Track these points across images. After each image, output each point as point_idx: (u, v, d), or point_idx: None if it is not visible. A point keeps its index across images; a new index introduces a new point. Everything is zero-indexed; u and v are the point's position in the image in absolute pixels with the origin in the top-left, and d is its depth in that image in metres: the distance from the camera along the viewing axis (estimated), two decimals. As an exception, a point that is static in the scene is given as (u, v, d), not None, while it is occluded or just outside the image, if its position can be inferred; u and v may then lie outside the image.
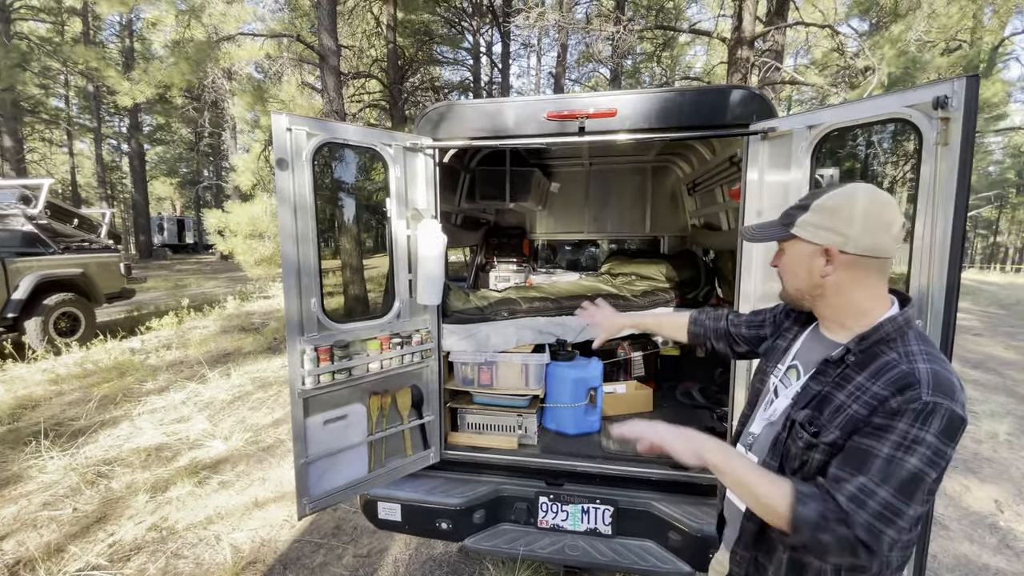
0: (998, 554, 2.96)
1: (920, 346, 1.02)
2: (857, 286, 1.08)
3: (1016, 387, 6.05)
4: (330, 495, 2.12)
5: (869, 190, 1.06)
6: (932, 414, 0.93)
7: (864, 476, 0.93)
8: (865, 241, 1.03)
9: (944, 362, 1.00)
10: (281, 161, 1.90)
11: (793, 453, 1.11)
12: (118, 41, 25.11)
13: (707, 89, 2.15)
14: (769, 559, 1.18)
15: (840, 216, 1.05)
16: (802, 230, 1.10)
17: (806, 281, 1.13)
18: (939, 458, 0.93)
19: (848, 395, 1.04)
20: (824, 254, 1.08)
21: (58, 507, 3.36)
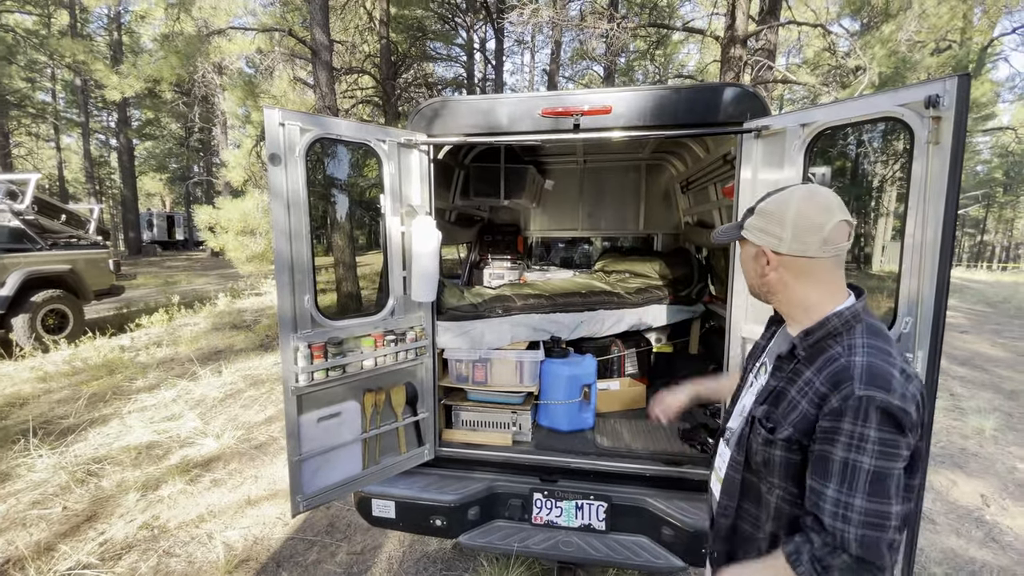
0: (984, 547, 3.01)
1: (865, 339, 1.02)
2: (799, 284, 1.11)
3: (1002, 383, 6.14)
4: (324, 492, 2.11)
5: (805, 193, 1.09)
6: (868, 409, 0.93)
7: (835, 487, 0.95)
8: (796, 244, 1.06)
9: (887, 355, 0.99)
10: (274, 156, 1.88)
11: (755, 449, 1.14)
12: (106, 34, 24.72)
13: (702, 87, 2.16)
14: (747, 554, 1.19)
15: (774, 219, 1.09)
16: (748, 232, 1.16)
17: (754, 279, 1.19)
18: (892, 449, 0.93)
19: (798, 391, 1.06)
20: (763, 255, 1.12)
21: (48, 506, 3.32)
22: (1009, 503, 3.49)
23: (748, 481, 1.19)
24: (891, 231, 18.47)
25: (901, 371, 0.97)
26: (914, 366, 1.58)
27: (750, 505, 1.19)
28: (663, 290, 3.43)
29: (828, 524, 0.95)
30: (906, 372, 0.98)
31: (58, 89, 27.50)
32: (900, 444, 0.93)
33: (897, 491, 0.94)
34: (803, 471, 1.04)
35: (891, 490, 0.93)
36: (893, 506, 0.93)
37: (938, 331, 1.55)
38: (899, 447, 0.93)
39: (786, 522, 1.10)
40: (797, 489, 1.06)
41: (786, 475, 1.07)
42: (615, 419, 2.93)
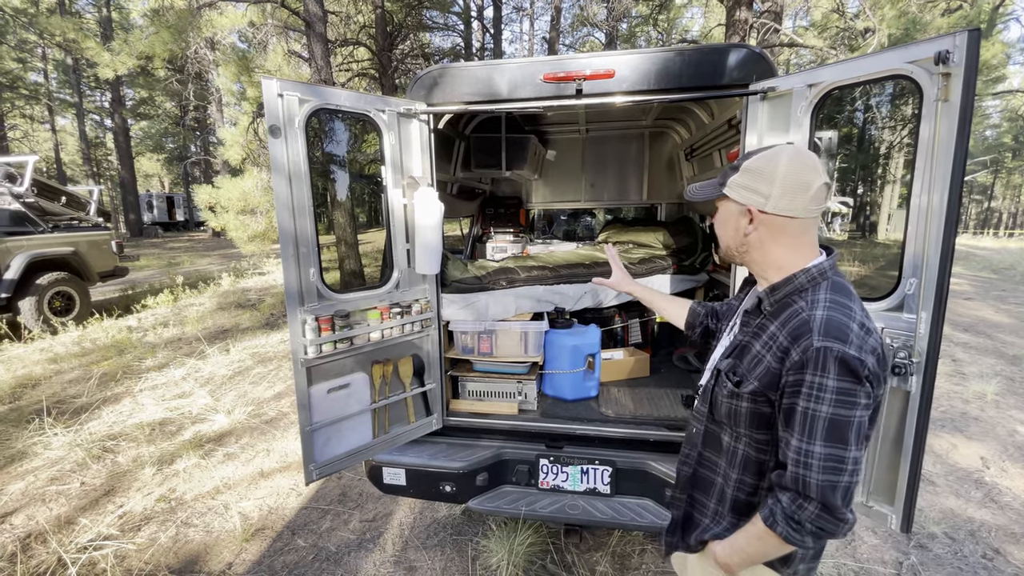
0: (983, 508, 3.07)
1: (828, 295, 1.05)
2: (776, 243, 1.12)
3: (1005, 349, 6.17)
4: (336, 461, 2.16)
5: (793, 153, 1.09)
6: (825, 359, 0.97)
7: (797, 436, 1.00)
8: (783, 202, 1.07)
9: (847, 309, 1.03)
10: (274, 128, 1.86)
11: (719, 401, 1.19)
12: (95, 11, 24.20)
13: (707, 49, 2.10)
14: (706, 495, 1.27)
15: (763, 177, 1.08)
16: (731, 190, 1.14)
17: (733, 238, 1.18)
18: (849, 398, 0.97)
19: (763, 345, 1.10)
20: (747, 213, 1.12)
21: (65, 482, 3.41)
22: (1008, 465, 3.54)
23: (710, 431, 1.25)
24: (898, 198, 18.26)
25: (860, 324, 1.01)
26: (919, 328, 1.59)
27: (711, 453, 1.26)
28: (667, 260, 3.42)
29: (791, 471, 1.01)
30: (865, 326, 1.02)
31: (50, 69, 27.07)
32: (858, 393, 0.97)
33: (856, 438, 0.98)
34: (771, 420, 1.09)
35: (849, 437, 0.97)
36: (850, 452, 0.97)
37: (942, 293, 1.55)
38: (856, 396, 0.97)
39: (754, 468, 1.15)
40: (765, 436, 1.12)
41: (754, 424, 1.12)
42: (619, 388, 2.97)
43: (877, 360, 0.99)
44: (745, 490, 1.18)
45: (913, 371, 1.61)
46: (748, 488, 1.18)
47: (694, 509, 1.31)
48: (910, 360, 1.61)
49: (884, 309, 1.70)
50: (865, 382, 0.97)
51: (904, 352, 1.63)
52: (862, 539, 2.77)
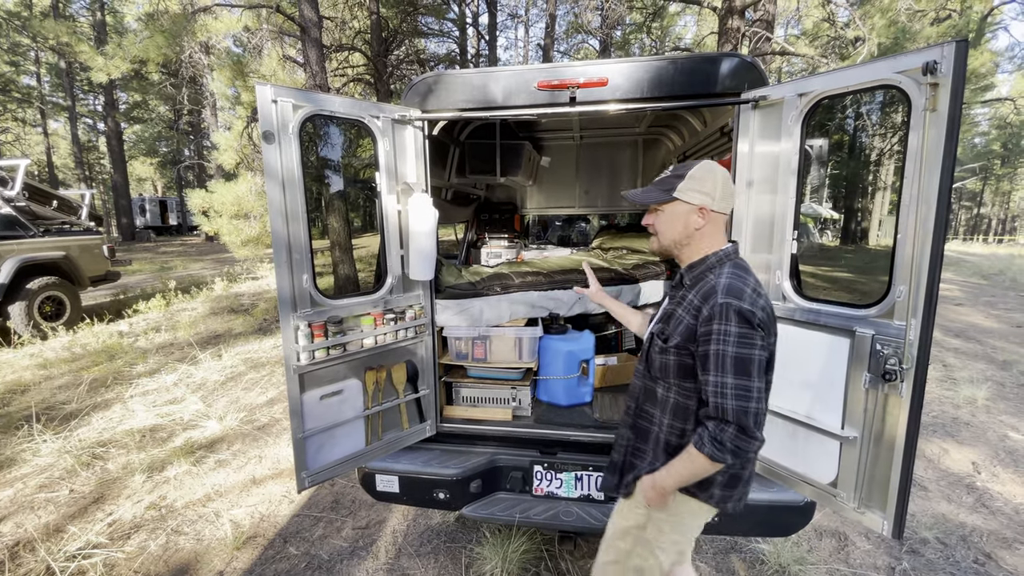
0: (974, 512, 3.09)
1: (731, 270, 1.37)
2: (709, 235, 1.44)
3: (995, 354, 6.22)
4: (328, 468, 2.15)
5: (719, 165, 1.42)
6: (727, 310, 1.27)
7: (713, 373, 1.27)
8: (723, 202, 1.41)
9: (743, 279, 1.33)
10: (268, 134, 1.86)
11: (652, 358, 1.50)
12: (89, 14, 24.09)
13: (699, 57, 2.12)
14: (644, 442, 1.55)
15: (707, 183, 1.39)
16: (683, 194, 1.41)
17: (681, 233, 1.44)
18: (748, 339, 1.26)
19: (684, 309, 1.41)
20: (699, 212, 1.40)
21: (54, 489, 3.37)
22: (999, 470, 3.57)
23: (648, 387, 1.54)
24: (888, 204, 18.42)
25: (752, 290, 1.31)
26: (909, 334, 1.61)
27: (648, 406, 1.54)
28: (660, 266, 3.43)
29: (711, 402, 1.27)
30: (756, 291, 1.32)
31: (43, 72, 26.92)
32: (754, 336, 1.26)
33: (758, 372, 1.26)
34: (693, 370, 1.37)
35: (752, 370, 1.25)
36: (754, 382, 1.25)
37: (931, 300, 1.57)
38: (753, 338, 1.26)
39: (682, 414, 1.43)
40: (690, 384, 1.40)
41: (680, 375, 1.41)
42: (613, 393, 2.97)
43: (765, 315, 1.30)
44: (675, 433, 1.45)
45: (904, 377, 1.62)
46: (678, 431, 1.44)
47: (634, 457, 1.57)
48: (900, 366, 1.62)
49: (875, 316, 1.72)
50: (758, 328, 1.27)
51: (895, 358, 1.64)
52: (855, 544, 2.78)
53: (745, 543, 2.77)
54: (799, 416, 1.95)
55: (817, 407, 1.91)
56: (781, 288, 1.99)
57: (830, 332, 1.85)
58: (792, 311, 1.96)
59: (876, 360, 1.70)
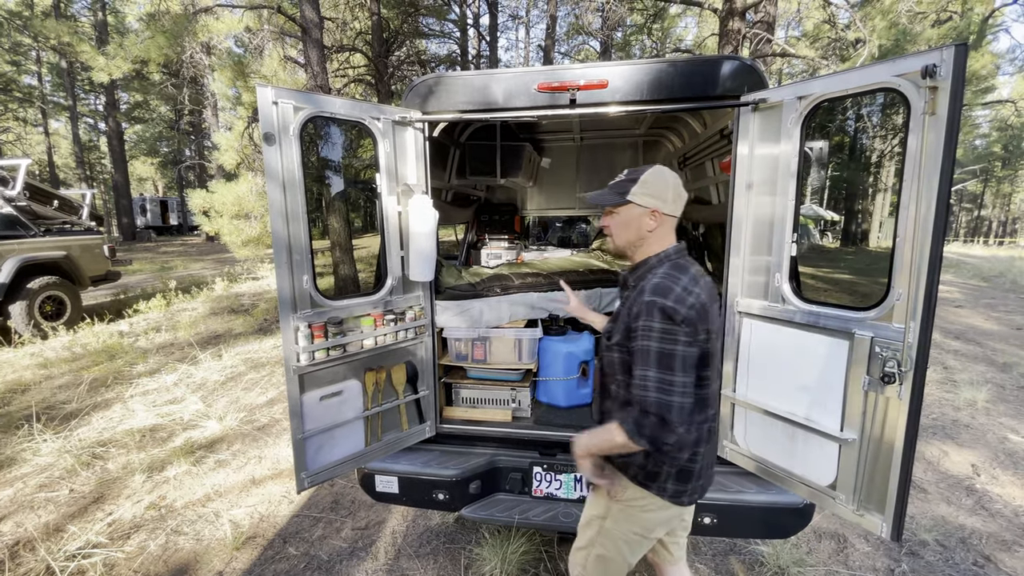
0: (974, 515, 3.09)
1: (667, 270, 1.41)
2: (659, 237, 1.49)
3: (995, 356, 6.22)
4: (328, 469, 2.15)
5: (670, 170, 1.48)
6: (651, 308, 1.32)
7: (638, 367, 1.34)
8: (673, 206, 1.46)
9: (675, 278, 1.37)
10: (268, 136, 1.86)
11: (603, 355, 1.58)
12: (90, 14, 24.12)
13: (699, 60, 2.13)
14: None
15: (659, 187, 1.44)
16: (637, 197, 1.45)
17: (635, 235, 1.49)
18: (671, 335, 1.30)
19: (626, 308, 1.46)
20: (651, 215, 1.45)
21: (54, 488, 3.37)
22: (999, 472, 3.57)
23: (604, 384, 1.61)
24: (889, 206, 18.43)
25: (683, 288, 1.34)
26: (908, 337, 1.61)
27: (606, 399, 1.60)
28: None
29: (636, 394, 1.33)
30: (687, 289, 1.35)
31: (44, 72, 26.96)
32: (676, 332, 1.30)
33: (682, 367, 1.30)
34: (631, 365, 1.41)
35: (675, 365, 1.30)
36: (676, 377, 1.30)
37: (930, 303, 1.57)
38: (676, 334, 1.30)
39: (623, 405, 1.48)
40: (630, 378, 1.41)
41: (624, 370, 1.46)
42: None
43: (693, 312, 1.31)
44: None
45: (903, 379, 1.63)
46: None
47: None
48: (899, 368, 1.63)
49: (874, 318, 1.72)
50: (681, 324, 1.30)
51: (894, 361, 1.64)
52: (854, 546, 2.78)
53: (744, 545, 2.77)
54: (798, 418, 1.95)
55: (816, 409, 1.91)
56: (780, 290, 1.99)
57: (829, 334, 1.85)
58: (791, 313, 1.96)
59: (875, 362, 1.71)
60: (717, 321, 1.42)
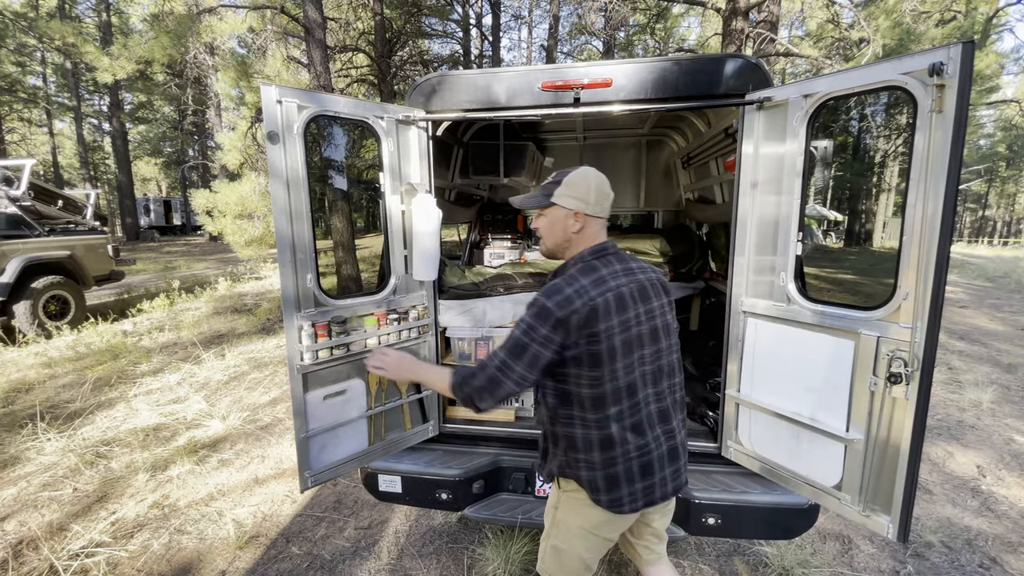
0: (979, 516, 3.07)
1: (574, 272, 1.44)
2: (586, 239, 1.50)
3: (1000, 357, 6.19)
4: (331, 468, 2.15)
5: (595, 172, 1.50)
6: (534, 304, 1.38)
7: (500, 346, 1.41)
8: (596, 207, 1.47)
9: (574, 281, 1.39)
10: (272, 135, 1.86)
11: None
12: (94, 15, 24.21)
13: (704, 58, 2.12)
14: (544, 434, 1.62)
15: (581, 189, 1.46)
16: (560, 199, 1.48)
17: (561, 236, 1.52)
18: (532, 331, 1.35)
19: None
20: (575, 216, 1.47)
21: (58, 487, 3.38)
22: (1005, 473, 3.55)
23: None
24: (893, 206, 18.37)
25: (577, 290, 1.36)
26: (915, 337, 1.59)
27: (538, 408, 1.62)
28: (664, 267, 3.43)
29: (486, 358, 1.42)
30: (579, 293, 1.35)
31: (48, 73, 27.08)
32: (538, 329, 1.35)
33: (528, 362, 1.35)
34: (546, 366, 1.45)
35: (522, 357, 1.36)
36: (517, 367, 1.36)
37: (937, 303, 1.56)
38: (536, 331, 1.35)
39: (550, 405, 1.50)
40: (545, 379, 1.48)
41: None
42: None
43: (575, 316, 1.33)
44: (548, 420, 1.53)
45: (909, 379, 1.62)
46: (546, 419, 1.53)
47: (547, 442, 1.62)
48: (906, 368, 1.62)
49: (880, 318, 1.71)
50: (552, 324, 1.33)
51: (900, 361, 1.63)
52: (858, 548, 2.77)
53: (748, 545, 2.76)
54: (803, 418, 1.94)
55: (821, 409, 1.90)
56: (786, 290, 1.98)
57: (835, 334, 1.84)
58: (796, 313, 1.95)
59: (881, 362, 1.69)
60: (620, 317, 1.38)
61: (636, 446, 1.43)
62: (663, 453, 1.47)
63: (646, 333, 1.45)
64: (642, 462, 1.44)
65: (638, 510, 1.47)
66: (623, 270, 1.46)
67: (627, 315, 1.40)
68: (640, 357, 1.44)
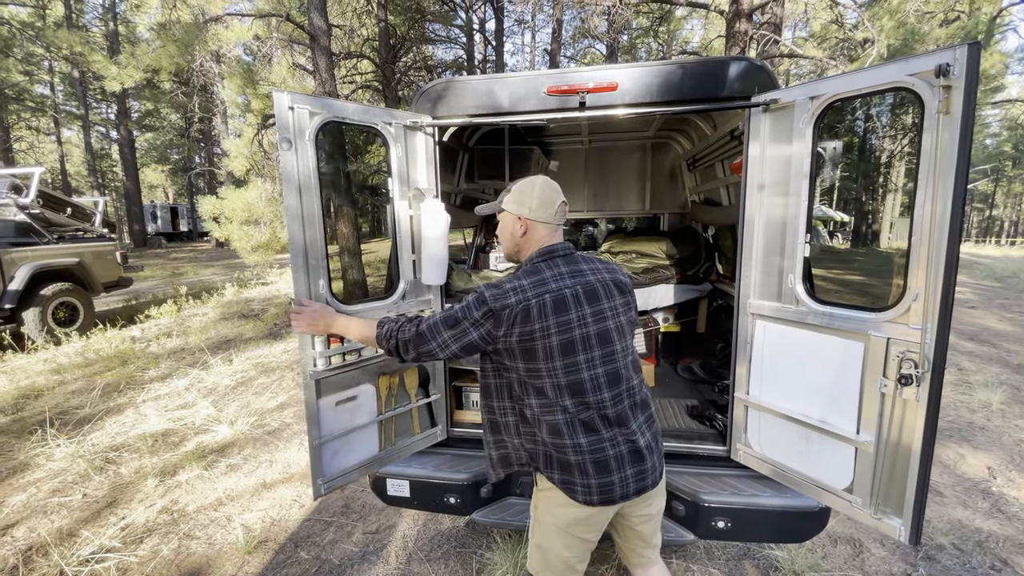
0: (990, 518, 3.04)
1: (520, 272, 1.53)
2: (535, 242, 1.58)
3: (1009, 358, 6.14)
4: (344, 474, 2.15)
5: (544, 179, 1.58)
6: (477, 291, 1.48)
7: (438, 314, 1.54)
8: (539, 212, 1.54)
9: (518, 279, 1.48)
10: (285, 141, 1.88)
11: None
12: (102, 24, 24.51)
13: (709, 61, 2.13)
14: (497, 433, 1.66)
15: (524, 195, 1.55)
16: (507, 205, 1.59)
17: (510, 240, 1.62)
18: (468, 312, 1.46)
19: None
20: (519, 220, 1.56)
21: (67, 493, 3.40)
22: (1016, 475, 3.51)
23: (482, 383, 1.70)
24: (900, 207, 18.27)
25: (515, 288, 1.44)
26: (925, 338, 1.59)
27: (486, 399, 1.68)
28: (670, 270, 3.43)
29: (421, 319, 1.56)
30: (520, 289, 1.44)
31: (56, 82, 27.40)
32: (472, 311, 1.45)
33: (455, 335, 1.47)
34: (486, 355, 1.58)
35: (453, 329, 1.47)
36: (445, 333, 1.48)
37: (947, 303, 1.55)
38: (471, 313, 1.45)
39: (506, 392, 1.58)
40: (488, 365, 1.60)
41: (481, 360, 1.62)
42: None
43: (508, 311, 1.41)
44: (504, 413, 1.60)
45: (920, 381, 1.61)
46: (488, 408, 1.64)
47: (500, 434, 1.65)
48: (916, 370, 1.61)
49: (890, 319, 1.70)
50: (484, 312, 1.43)
51: (910, 363, 1.62)
52: (870, 551, 2.75)
53: (758, 549, 2.74)
54: (813, 421, 1.93)
55: (831, 411, 1.89)
56: (794, 292, 1.97)
57: (844, 336, 1.84)
58: (805, 314, 1.95)
59: (891, 364, 1.69)
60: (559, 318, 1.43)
61: (588, 442, 1.45)
62: (621, 453, 1.47)
63: (593, 335, 1.46)
64: (596, 458, 1.45)
65: (594, 504, 1.47)
66: (570, 272, 1.51)
67: (567, 316, 1.44)
68: (588, 359, 1.46)
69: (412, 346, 1.51)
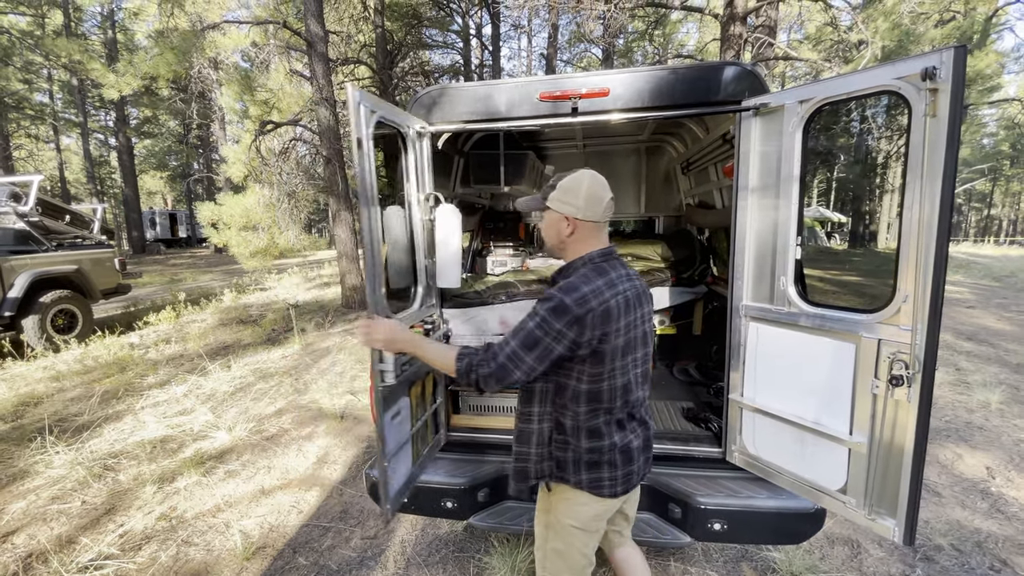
0: (989, 518, 3.04)
1: (586, 271, 1.47)
2: (580, 240, 1.53)
3: (1008, 357, 6.14)
4: (399, 492, 2.00)
5: (591, 175, 1.50)
6: (550, 300, 1.38)
7: (510, 333, 1.42)
8: (587, 212, 1.48)
9: (589, 280, 1.42)
10: (358, 141, 1.70)
11: None
12: (100, 32, 24.60)
13: (700, 66, 2.14)
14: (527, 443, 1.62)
15: (571, 194, 1.48)
16: (552, 203, 1.52)
17: (556, 239, 1.56)
18: (547, 325, 1.36)
19: None
20: (566, 220, 1.50)
21: (66, 500, 3.40)
22: (1014, 475, 3.51)
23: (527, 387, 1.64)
24: (896, 207, 18.30)
25: (592, 290, 1.39)
26: (916, 338, 1.60)
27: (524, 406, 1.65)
28: (665, 272, 3.44)
29: (496, 346, 1.43)
30: (597, 291, 1.39)
31: (55, 90, 27.46)
32: (553, 324, 1.36)
33: (538, 355, 1.38)
34: None
35: (534, 349, 1.38)
36: (528, 358, 1.38)
37: (937, 304, 1.57)
38: (551, 326, 1.36)
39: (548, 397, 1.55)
40: None
41: None
42: None
43: (590, 315, 1.35)
44: (546, 419, 1.56)
45: (911, 381, 1.62)
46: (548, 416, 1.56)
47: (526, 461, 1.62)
48: (907, 370, 1.62)
49: (880, 320, 1.71)
50: (568, 322, 1.35)
51: (901, 363, 1.64)
52: (868, 552, 2.75)
53: (756, 551, 2.75)
54: (806, 422, 1.94)
55: (824, 413, 1.90)
56: (786, 294, 1.99)
57: (836, 337, 1.85)
58: (797, 316, 1.96)
59: (883, 365, 1.70)
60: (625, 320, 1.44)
61: (620, 438, 1.53)
62: (640, 444, 1.58)
63: (639, 337, 1.52)
64: (624, 452, 1.53)
65: (618, 495, 1.55)
66: (626, 275, 1.51)
67: (631, 318, 1.46)
68: (634, 359, 1.52)
69: (495, 380, 1.41)
